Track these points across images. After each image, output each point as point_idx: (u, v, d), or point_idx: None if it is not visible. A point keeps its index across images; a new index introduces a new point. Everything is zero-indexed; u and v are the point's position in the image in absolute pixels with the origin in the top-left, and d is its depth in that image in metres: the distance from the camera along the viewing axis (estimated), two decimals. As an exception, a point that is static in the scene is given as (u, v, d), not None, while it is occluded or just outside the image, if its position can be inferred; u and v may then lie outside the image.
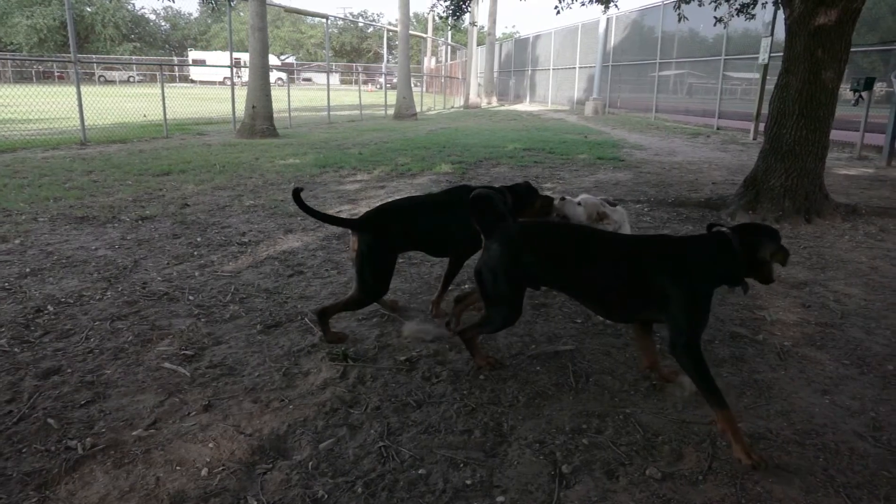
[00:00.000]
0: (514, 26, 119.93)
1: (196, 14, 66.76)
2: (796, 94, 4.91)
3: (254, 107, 11.36)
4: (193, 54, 51.32)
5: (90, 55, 38.39)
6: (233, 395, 2.26)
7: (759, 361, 2.59)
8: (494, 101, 29.03)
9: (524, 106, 27.39)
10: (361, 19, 65.52)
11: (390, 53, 27.01)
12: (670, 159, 9.31)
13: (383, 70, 24.78)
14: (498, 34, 34.99)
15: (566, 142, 11.21)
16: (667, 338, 2.02)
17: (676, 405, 2.22)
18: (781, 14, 5.32)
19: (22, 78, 35.39)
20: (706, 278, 2.03)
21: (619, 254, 2.14)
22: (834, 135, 5.37)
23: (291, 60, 57.83)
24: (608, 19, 19.91)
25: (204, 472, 1.82)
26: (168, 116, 11.56)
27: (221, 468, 1.84)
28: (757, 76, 12.55)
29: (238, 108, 12.29)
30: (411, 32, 19.96)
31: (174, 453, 1.91)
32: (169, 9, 67.57)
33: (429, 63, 31.54)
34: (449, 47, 32.95)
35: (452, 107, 26.40)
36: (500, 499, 1.73)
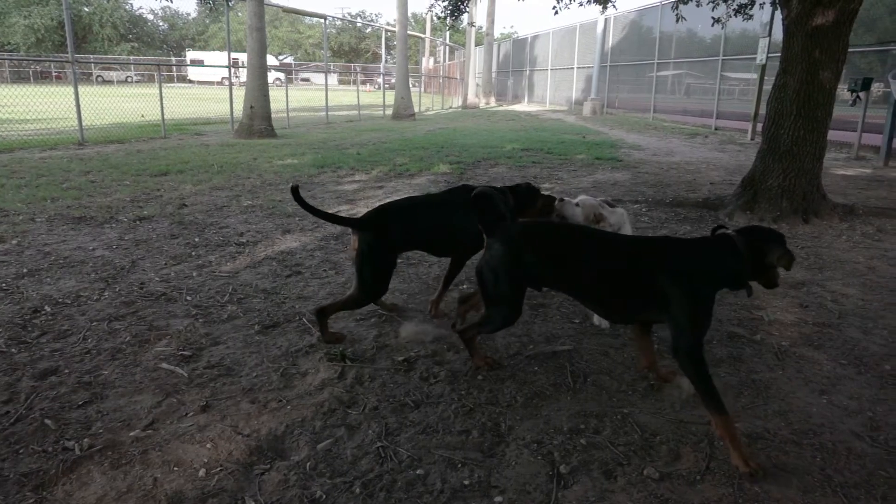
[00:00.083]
0: (513, 26, 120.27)
1: (194, 14, 66.85)
2: (794, 95, 4.92)
3: (252, 107, 11.35)
4: (191, 54, 51.34)
5: (88, 55, 38.35)
6: (230, 396, 2.26)
7: (757, 361, 2.59)
8: (493, 102, 29.04)
9: (522, 106, 27.41)
10: (359, 19, 65.59)
11: (388, 54, 26.96)
12: (668, 159, 9.32)
13: (381, 70, 24.78)
14: (496, 34, 35.05)
15: (564, 142, 11.21)
16: (668, 339, 2.01)
17: (674, 405, 2.22)
18: (779, 14, 5.34)
19: (19, 78, 35.36)
20: (710, 281, 2.02)
21: (621, 255, 2.13)
22: (831, 135, 5.38)
23: (290, 60, 57.81)
24: (606, 20, 19.94)
25: (202, 473, 1.82)
26: (166, 116, 11.54)
27: (219, 469, 1.84)
28: (755, 76, 12.58)
29: (236, 109, 12.28)
30: (409, 33, 19.96)
31: (172, 454, 1.90)
32: (167, 9, 67.59)
33: (427, 63, 31.54)
34: (447, 47, 32.98)
35: (451, 107, 26.41)
36: (498, 499, 1.73)
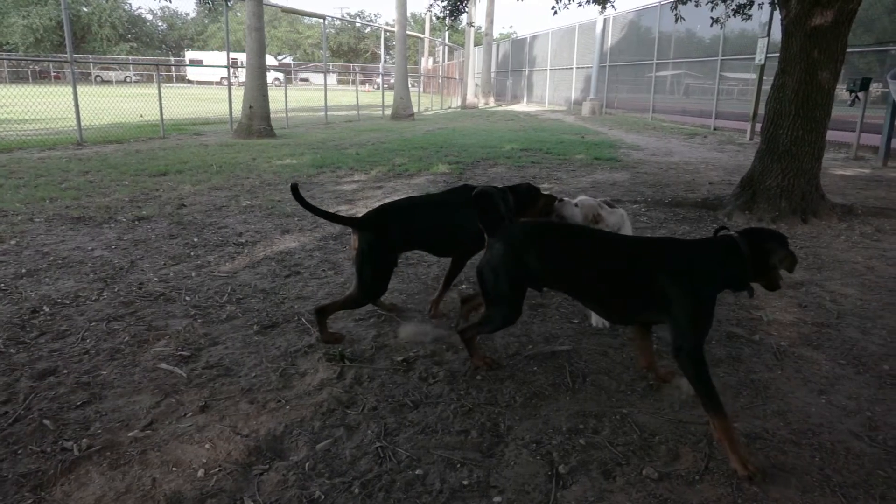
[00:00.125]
0: (512, 27, 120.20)
1: (193, 14, 66.81)
2: (793, 95, 4.93)
3: (251, 107, 11.35)
4: (190, 54, 51.35)
5: (87, 55, 38.36)
6: (229, 396, 2.26)
7: (756, 361, 2.60)
8: (492, 102, 29.05)
9: (521, 106, 27.42)
10: (359, 19, 65.58)
11: (387, 54, 26.94)
12: (667, 160, 9.33)
13: (381, 70, 24.78)
14: (495, 34, 35.06)
15: (563, 142, 11.22)
16: (670, 340, 2.00)
17: (673, 405, 2.22)
18: (778, 15, 5.34)
19: (18, 78, 35.33)
20: (711, 282, 2.01)
21: (624, 255, 2.13)
22: (830, 135, 5.38)
23: (289, 60, 57.86)
24: (605, 20, 19.95)
25: (200, 473, 1.81)
26: (165, 116, 11.54)
27: (218, 469, 1.84)
28: (753, 76, 12.59)
29: (235, 109, 12.28)
30: (408, 33, 19.97)
31: (170, 454, 1.90)
32: (166, 9, 67.54)
33: (426, 63, 31.52)
34: (446, 48, 32.96)
35: (450, 107, 26.41)
36: (497, 499, 1.73)
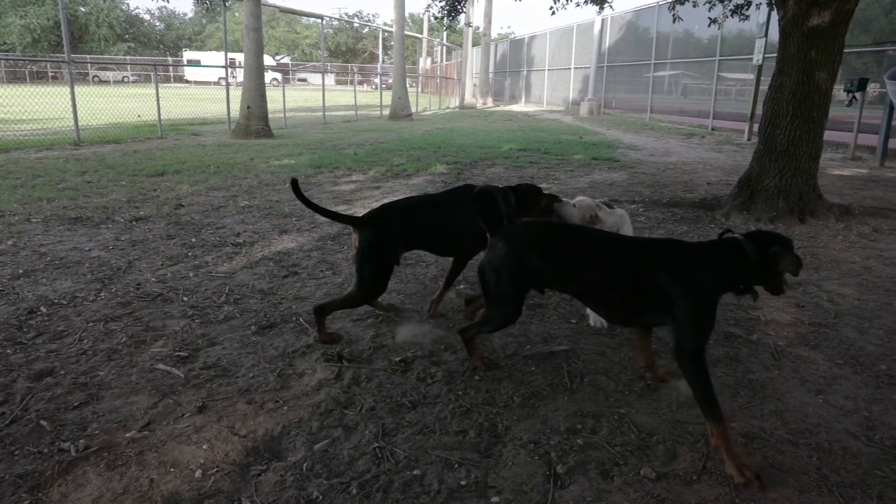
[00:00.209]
0: (510, 27, 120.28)
1: (191, 14, 66.69)
2: (790, 95, 4.93)
3: (249, 107, 11.34)
4: (188, 54, 51.27)
5: (84, 55, 38.26)
6: (227, 397, 2.25)
7: (754, 361, 2.60)
8: (490, 102, 29.05)
9: (519, 106, 27.43)
10: (357, 20, 65.52)
11: (386, 54, 26.96)
12: (665, 160, 9.34)
13: (379, 70, 24.75)
14: (493, 35, 35.06)
15: (561, 142, 11.22)
16: (671, 343, 1.99)
17: (671, 405, 2.22)
18: (775, 15, 5.35)
19: (15, 78, 35.25)
20: (715, 285, 2.01)
21: (626, 257, 2.12)
22: (827, 135, 5.39)
23: (287, 61, 57.80)
24: (603, 20, 19.96)
25: (198, 474, 1.81)
26: (163, 117, 11.52)
27: (215, 469, 1.83)
28: (751, 77, 12.60)
29: (233, 109, 12.27)
30: (407, 33, 19.96)
31: (168, 455, 1.90)
32: (163, 9, 67.33)
33: (424, 63, 31.51)
34: (444, 48, 32.96)
35: (448, 107, 26.40)
36: (495, 499, 1.73)
